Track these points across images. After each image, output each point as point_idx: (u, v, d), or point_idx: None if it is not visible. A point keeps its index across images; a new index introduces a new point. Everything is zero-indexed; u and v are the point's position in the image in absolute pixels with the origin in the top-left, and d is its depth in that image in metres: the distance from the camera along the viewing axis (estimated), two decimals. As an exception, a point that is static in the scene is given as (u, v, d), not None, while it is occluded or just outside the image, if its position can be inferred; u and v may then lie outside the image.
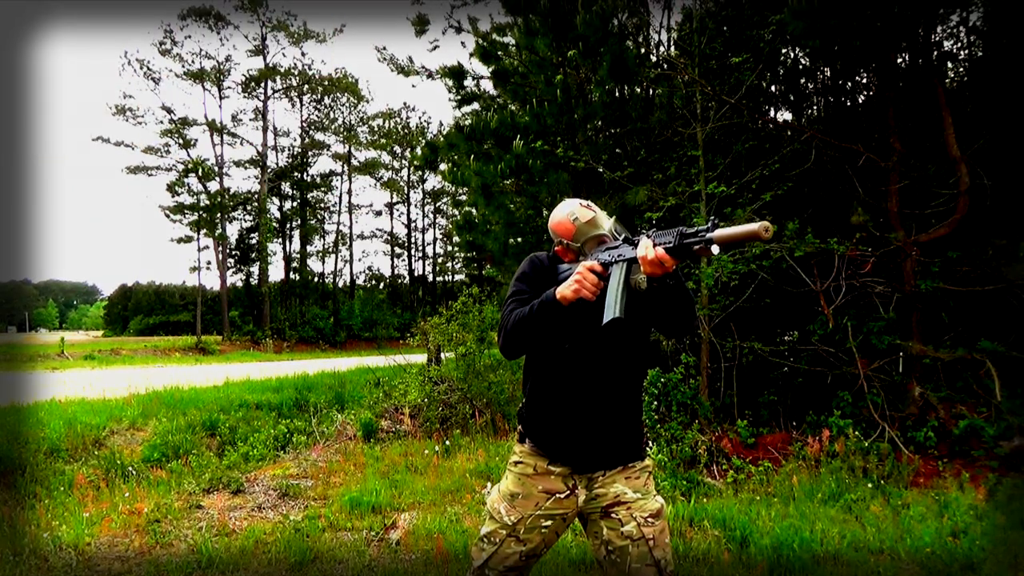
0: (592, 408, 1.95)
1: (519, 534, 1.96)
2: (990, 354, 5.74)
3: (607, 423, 1.95)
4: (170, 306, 56.24)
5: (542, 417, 2.01)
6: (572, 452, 1.96)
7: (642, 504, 1.94)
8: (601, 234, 1.99)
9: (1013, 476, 4.85)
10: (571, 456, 1.97)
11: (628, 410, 1.99)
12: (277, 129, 36.43)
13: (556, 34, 7.73)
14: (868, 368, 6.17)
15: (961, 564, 3.49)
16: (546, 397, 2.01)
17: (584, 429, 1.95)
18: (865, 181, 6.67)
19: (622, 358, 1.98)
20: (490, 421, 7.28)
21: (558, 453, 1.98)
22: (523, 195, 8.96)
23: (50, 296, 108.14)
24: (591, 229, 2.00)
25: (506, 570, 1.96)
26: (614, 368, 1.96)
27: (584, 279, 1.78)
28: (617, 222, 2.01)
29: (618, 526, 1.92)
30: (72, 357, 20.43)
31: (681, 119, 7.55)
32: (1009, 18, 6.78)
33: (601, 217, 2.02)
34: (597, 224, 2.00)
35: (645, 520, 1.92)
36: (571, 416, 1.96)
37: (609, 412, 1.96)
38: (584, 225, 2.00)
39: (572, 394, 1.96)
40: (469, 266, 36.38)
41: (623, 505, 1.93)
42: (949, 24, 7.80)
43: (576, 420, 1.95)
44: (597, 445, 1.95)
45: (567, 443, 1.96)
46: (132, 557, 3.81)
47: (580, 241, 2.00)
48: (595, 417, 1.95)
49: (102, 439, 6.62)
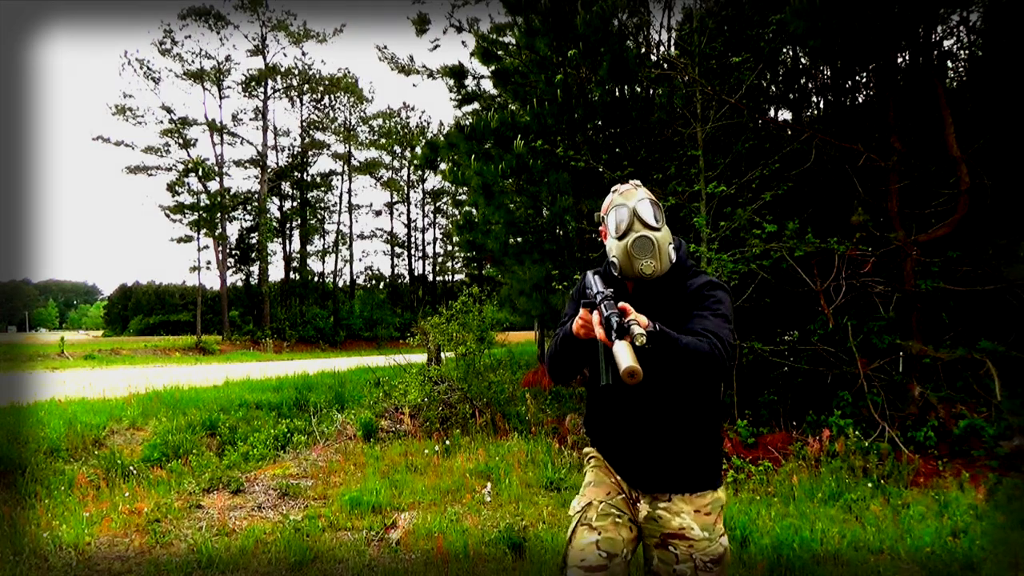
0: (642, 428, 1.84)
1: (591, 521, 1.85)
2: (990, 354, 5.74)
3: (659, 445, 1.83)
4: (170, 306, 56.32)
5: (595, 430, 1.98)
6: (624, 468, 1.90)
7: (705, 547, 1.77)
8: (623, 208, 1.85)
9: (1013, 476, 4.85)
10: (624, 472, 1.90)
11: (688, 433, 1.83)
12: (277, 129, 36.50)
13: (556, 34, 7.74)
14: (868, 368, 6.17)
15: (961, 564, 3.49)
16: (598, 412, 1.96)
17: (633, 448, 1.87)
18: (865, 181, 6.67)
19: (670, 383, 1.79)
20: (490, 421, 7.28)
21: (615, 465, 1.93)
22: (523, 195, 8.96)
23: (50, 296, 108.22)
24: (618, 200, 1.88)
25: (588, 570, 1.78)
26: (664, 391, 1.80)
27: (584, 321, 1.73)
28: (655, 206, 1.86)
29: (672, 562, 1.78)
30: (72, 357, 20.43)
31: (681, 119, 7.55)
32: (1009, 18, 6.77)
33: (630, 194, 1.88)
34: (627, 197, 1.87)
35: (704, 565, 1.76)
36: (620, 433, 1.89)
37: (662, 434, 1.83)
38: (617, 197, 1.90)
39: (620, 412, 1.88)
40: (469, 266, 36.35)
41: (685, 541, 1.78)
42: (949, 23, 7.80)
43: (625, 438, 1.88)
44: (648, 466, 1.85)
45: (618, 459, 1.91)
46: (132, 557, 3.80)
47: (604, 213, 1.93)
48: (645, 438, 1.84)
49: (102, 439, 6.61)
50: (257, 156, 34.47)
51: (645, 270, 1.78)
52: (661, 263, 1.80)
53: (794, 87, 8.74)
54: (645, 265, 1.78)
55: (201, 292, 32.38)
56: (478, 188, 8.27)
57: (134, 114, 30.42)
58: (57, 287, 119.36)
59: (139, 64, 30.24)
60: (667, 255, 1.82)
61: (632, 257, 1.79)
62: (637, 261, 1.78)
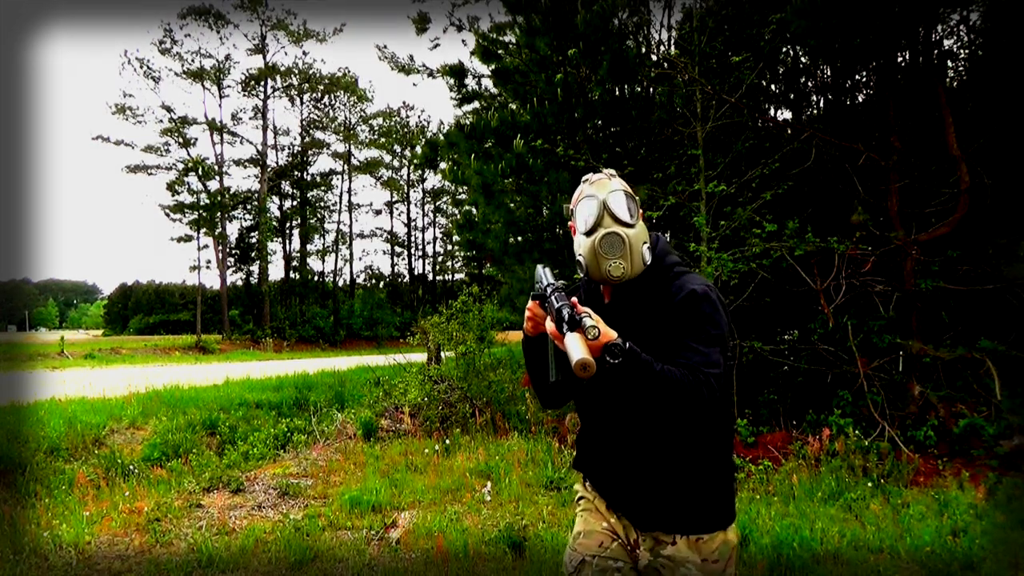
0: (633, 456, 1.63)
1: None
2: (990, 353, 5.74)
3: (655, 476, 1.61)
4: (170, 305, 56.31)
5: (585, 459, 1.80)
6: (617, 502, 1.69)
7: None
8: (589, 201, 1.63)
9: (1013, 475, 4.85)
10: (618, 506, 1.69)
11: (687, 463, 1.60)
12: (277, 128, 36.50)
13: (557, 33, 7.74)
14: (868, 367, 6.17)
15: (961, 563, 3.49)
16: (587, 438, 1.78)
17: (626, 480, 1.66)
18: (865, 180, 6.67)
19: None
20: (490, 420, 7.28)
21: (607, 498, 1.72)
22: (523, 194, 8.95)
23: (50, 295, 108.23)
24: (588, 191, 1.65)
25: None
26: (646, 419, 1.59)
27: (531, 314, 1.63)
28: (630, 198, 1.63)
29: None
30: (72, 356, 20.44)
31: (681, 118, 7.54)
32: (1009, 17, 6.77)
33: (602, 184, 1.65)
34: (599, 188, 1.64)
35: None
36: (611, 462, 1.69)
37: (657, 463, 1.60)
38: (587, 187, 1.67)
39: (610, 438, 1.69)
40: (469, 265, 36.38)
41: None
42: (949, 23, 7.79)
43: (617, 468, 1.68)
44: (643, 501, 1.63)
45: (610, 492, 1.70)
46: (132, 556, 3.81)
47: (573, 206, 1.69)
48: (638, 467, 1.63)
49: (102, 438, 6.61)
50: (257, 155, 34.51)
51: (613, 272, 1.55)
52: (632, 265, 1.57)
53: (794, 86, 8.73)
54: (613, 267, 1.55)
55: (201, 291, 32.39)
56: (478, 187, 8.26)
57: (134, 113, 30.45)
58: (57, 286, 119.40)
59: (139, 63, 30.26)
60: (640, 255, 1.58)
61: (599, 256, 1.56)
62: (605, 261, 1.55)
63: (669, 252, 1.67)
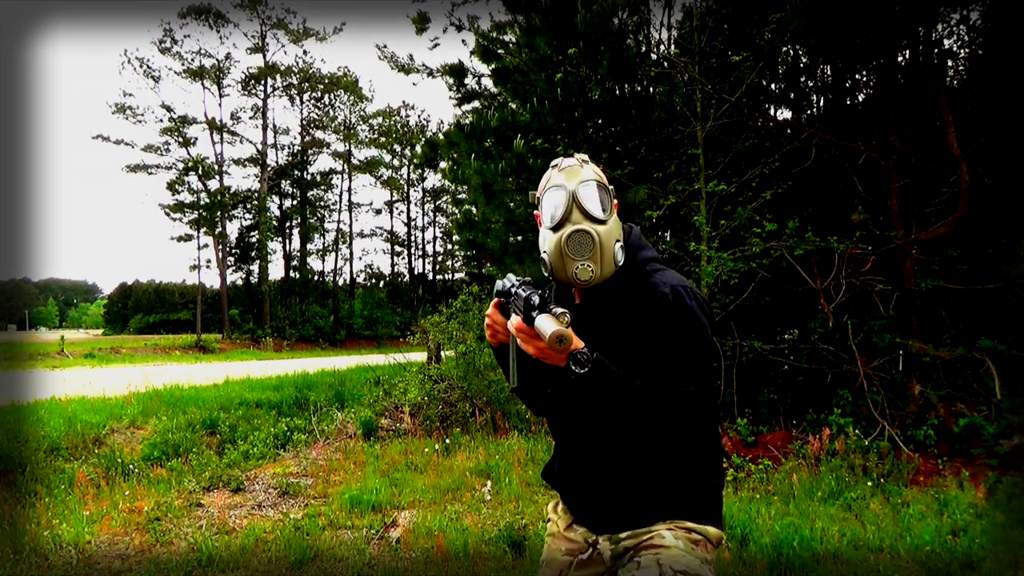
0: (589, 464, 1.53)
1: None
2: (990, 352, 5.74)
3: (615, 478, 1.49)
4: (170, 304, 56.34)
5: (553, 472, 1.69)
6: (575, 506, 1.60)
7: (677, 555, 1.39)
8: (554, 191, 1.43)
9: (1013, 475, 4.85)
10: (579, 512, 1.59)
11: (651, 467, 1.46)
12: (277, 127, 36.50)
13: (557, 32, 7.73)
14: (868, 366, 6.17)
15: (961, 562, 3.49)
16: (557, 450, 1.69)
17: (592, 491, 1.54)
18: (865, 179, 6.67)
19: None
20: (490, 419, 7.28)
21: (567, 502, 1.64)
22: (523, 194, 8.95)
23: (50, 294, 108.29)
24: (556, 180, 1.44)
25: None
26: (613, 431, 1.48)
27: (489, 322, 1.52)
28: (602, 190, 1.43)
29: (634, 569, 1.41)
30: (72, 355, 20.43)
31: (681, 117, 7.55)
32: (1009, 17, 6.77)
33: (573, 172, 1.43)
34: (568, 177, 1.43)
35: (674, 574, 1.37)
36: (568, 465, 1.60)
37: (627, 474, 1.48)
38: (555, 174, 1.46)
39: (569, 443, 1.60)
40: (469, 264, 36.33)
41: (652, 549, 1.42)
42: (949, 22, 7.80)
43: (574, 472, 1.58)
44: (598, 508, 1.53)
45: (578, 504, 1.59)
46: (132, 555, 3.81)
47: (540, 195, 1.50)
48: (592, 475, 1.53)
49: (102, 437, 6.61)
50: (257, 155, 34.49)
51: (580, 275, 1.38)
52: (602, 268, 1.39)
53: (794, 86, 8.74)
54: (580, 269, 1.37)
55: (201, 291, 32.42)
56: (478, 187, 8.26)
57: (134, 113, 30.46)
58: (57, 286, 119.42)
59: (139, 63, 30.24)
60: (611, 256, 1.39)
61: (565, 256, 1.37)
62: (572, 263, 1.37)
63: (643, 246, 1.50)
